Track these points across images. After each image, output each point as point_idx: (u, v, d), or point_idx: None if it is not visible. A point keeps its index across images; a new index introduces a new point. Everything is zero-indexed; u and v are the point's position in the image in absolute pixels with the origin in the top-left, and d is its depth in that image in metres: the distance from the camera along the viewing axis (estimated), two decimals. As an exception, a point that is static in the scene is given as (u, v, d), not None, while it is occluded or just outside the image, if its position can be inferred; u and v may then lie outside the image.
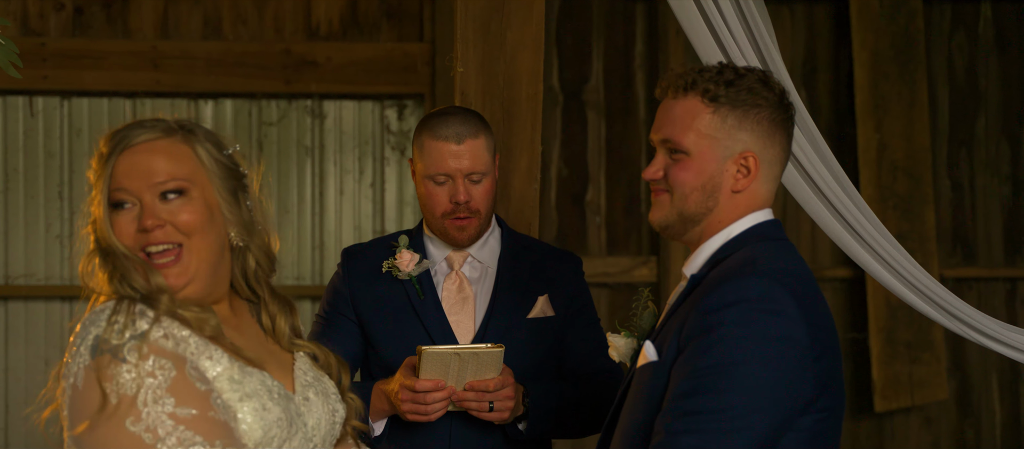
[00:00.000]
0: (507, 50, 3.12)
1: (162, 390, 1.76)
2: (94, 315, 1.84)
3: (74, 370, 1.80)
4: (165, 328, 1.83)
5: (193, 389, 1.79)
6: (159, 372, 1.77)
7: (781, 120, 2.09)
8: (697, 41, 2.75)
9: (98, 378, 1.77)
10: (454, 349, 2.66)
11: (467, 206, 2.83)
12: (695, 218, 2.10)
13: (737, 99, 2.06)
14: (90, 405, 1.76)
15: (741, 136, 2.06)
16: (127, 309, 1.83)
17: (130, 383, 1.76)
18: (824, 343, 1.98)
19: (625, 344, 2.31)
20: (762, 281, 1.95)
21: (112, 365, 1.77)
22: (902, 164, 5.48)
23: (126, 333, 1.80)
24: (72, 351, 1.82)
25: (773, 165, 2.10)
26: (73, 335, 1.85)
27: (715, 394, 1.89)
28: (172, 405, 1.76)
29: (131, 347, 1.78)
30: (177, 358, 1.81)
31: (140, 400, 1.75)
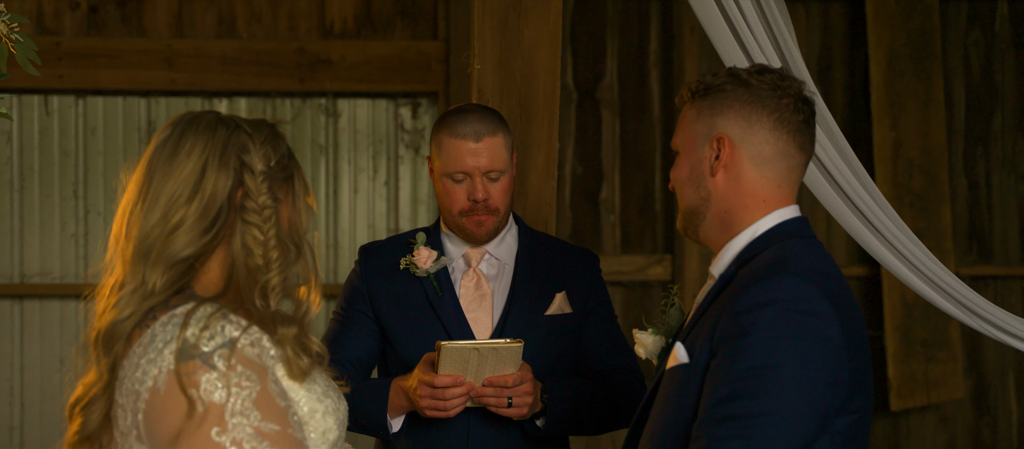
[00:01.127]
0: (524, 47, 3.11)
1: (249, 402, 1.71)
2: (172, 317, 1.78)
3: (153, 373, 1.74)
4: (251, 336, 1.79)
5: (275, 405, 1.74)
6: (246, 383, 1.72)
7: (770, 108, 2.07)
8: (717, 39, 2.73)
9: (183, 384, 1.71)
10: (474, 344, 2.66)
11: (485, 204, 2.83)
12: (696, 211, 2.11)
13: (712, 86, 2.10)
14: (176, 412, 1.71)
15: (716, 121, 2.08)
16: (216, 311, 1.78)
17: (219, 392, 1.70)
18: (857, 342, 1.96)
19: (653, 341, 2.30)
20: (795, 280, 1.93)
21: (200, 371, 1.71)
22: (918, 162, 5.46)
23: (216, 339, 1.74)
24: (148, 357, 1.76)
25: (773, 159, 2.07)
26: (139, 336, 1.79)
27: (754, 398, 1.87)
28: (257, 419, 1.71)
29: (221, 355, 1.73)
30: (261, 370, 1.77)
31: (228, 410, 1.70)
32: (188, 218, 1.84)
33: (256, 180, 1.86)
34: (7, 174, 5.51)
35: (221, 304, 1.81)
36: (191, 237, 1.84)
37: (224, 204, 1.85)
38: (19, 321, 5.54)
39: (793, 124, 2.08)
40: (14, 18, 2.62)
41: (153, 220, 1.85)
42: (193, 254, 1.84)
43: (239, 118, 1.93)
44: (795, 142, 2.09)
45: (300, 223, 1.92)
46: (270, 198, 1.87)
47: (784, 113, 2.08)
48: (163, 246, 1.83)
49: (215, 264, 1.88)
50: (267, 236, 1.85)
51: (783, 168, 2.09)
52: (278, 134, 1.94)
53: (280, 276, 1.86)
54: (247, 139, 1.88)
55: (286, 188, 1.90)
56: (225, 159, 1.86)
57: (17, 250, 5.54)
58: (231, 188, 1.85)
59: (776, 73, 2.12)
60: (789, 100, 2.08)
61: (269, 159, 1.88)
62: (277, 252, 1.86)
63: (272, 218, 1.86)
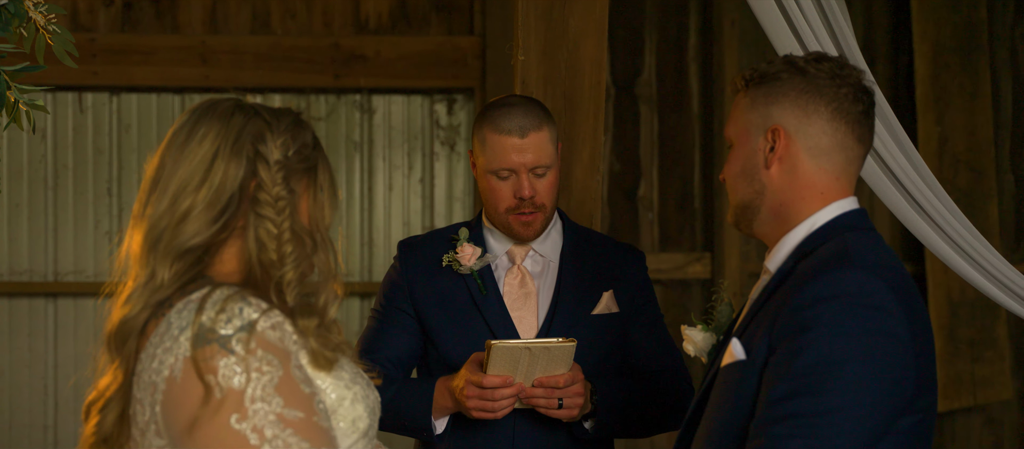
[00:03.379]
0: (569, 38, 3.04)
1: (271, 387, 1.62)
2: (187, 303, 1.71)
3: (169, 362, 1.66)
4: (272, 319, 1.70)
5: (299, 391, 1.66)
6: (267, 368, 1.64)
7: (828, 98, 1.99)
8: (771, 28, 2.65)
9: (200, 370, 1.63)
10: (525, 343, 2.58)
11: (532, 201, 2.75)
12: (750, 204, 2.04)
13: (768, 74, 2.02)
14: (191, 399, 1.63)
15: (771, 111, 2.01)
16: (234, 294, 1.69)
17: (238, 377, 1.62)
18: (923, 339, 1.88)
19: (703, 338, 2.22)
20: (859, 274, 1.85)
21: (218, 356, 1.63)
22: (964, 157, 5.35)
23: (234, 322, 1.66)
24: (165, 345, 1.68)
25: (831, 150, 1.99)
26: (155, 327, 1.72)
27: (816, 396, 1.79)
28: (280, 405, 1.63)
29: (239, 338, 1.64)
30: (283, 354, 1.68)
31: (248, 396, 1.61)
32: (196, 206, 1.76)
33: (271, 171, 1.77)
34: (41, 172, 5.49)
35: (239, 286, 1.74)
36: (199, 226, 1.75)
37: (235, 194, 1.76)
38: (53, 319, 5.52)
39: (852, 115, 2.00)
40: (51, 9, 2.57)
41: (162, 208, 1.77)
42: (201, 243, 1.76)
43: (261, 106, 1.84)
44: (854, 133, 2.01)
45: (321, 217, 1.83)
46: (285, 190, 1.78)
47: (843, 103, 2.00)
48: (172, 236, 1.76)
49: (231, 257, 1.80)
50: (281, 229, 1.77)
51: (841, 160, 2.01)
52: (301, 123, 1.84)
53: (295, 271, 1.77)
54: (264, 127, 1.79)
55: (306, 180, 1.81)
56: (238, 147, 1.77)
57: (51, 248, 5.52)
58: (243, 178, 1.77)
59: (834, 61, 2.04)
60: (848, 90, 2.00)
61: (287, 149, 1.79)
62: (291, 246, 1.77)
63: (286, 210, 1.78)
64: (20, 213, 5.49)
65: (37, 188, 5.49)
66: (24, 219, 5.49)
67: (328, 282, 1.82)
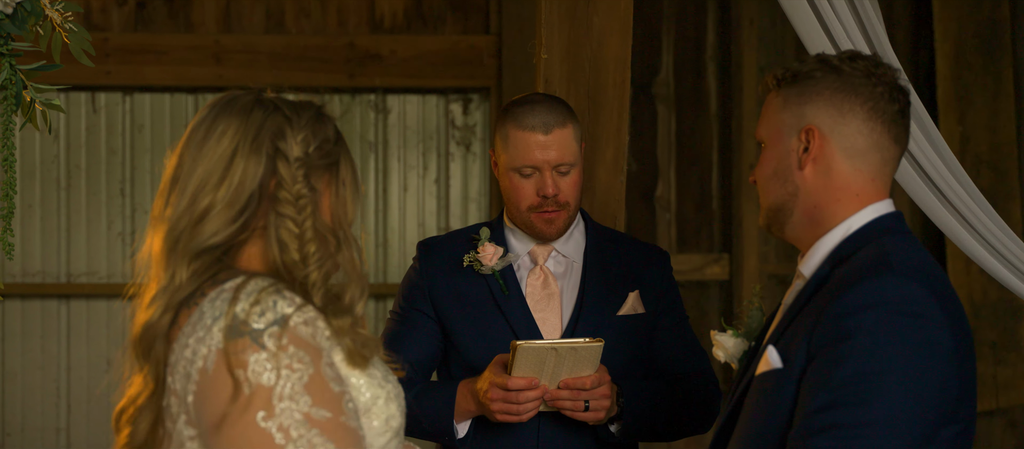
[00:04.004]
0: (594, 35, 2.99)
1: (300, 386, 1.59)
2: (221, 292, 1.66)
3: (202, 352, 1.62)
4: (306, 314, 1.66)
5: (328, 390, 1.61)
6: (297, 365, 1.60)
7: (864, 97, 1.94)
8: (801, 25, 2.60)
9: (230, 364, 1.59)
10: (551, 344, 2.53)
11: (555, 199, 2.71)
12: (782, 207, 1.98)
13: (801, 73, 1.97)
14: (222, 394, 1.59)
15: (804, 110, 1.95)
16: (269, 286, 1.65)
17: (267, 373, 1.58)
18: (965, 346, 1.83)
19: (734, 344, 2.16)
20: (901, 280, 1.80)
21: (249, 351, 1.59)
22: (986, 157, 5.29)
23: (267, 315, 1.61)
24: (197, 335, 1.64)
25: (867, 151, 1.94)
26: (187, 315, 1.67)
27: (857, 407, 1.74)
28: (307, 404, 1.59)
29: (272, 333, 1.60)
30: (315, 351, 1.63)
31: (276, 394, 1.58)
32: (216, 204, 1.71)
33: (291, 168, 1.72)
34: (54, 172, 5.45)
35: (274, 280, 1.69)
36: (218, 225, 1.71)
37: (255, 192, 1.71)
38: (66, 321, 5.48)
39: (888, 114, 1.95)
40: (68, 7, 2.53)
41: (181, 207, 1.72)
42: (220, 242, 1.71)
43: (282, 99, 1.79)
44: (890, 134, 1.95)
45: (344, 214, 1.77)
46: (306, 187, 1.72)
47: (878, 102, 1.94)
48: (190, 235, 1.71)
49: (253, 257, 1.75)
50: (303, 229, 1.72)
51: (877, 161, 1.95)
52: (322, 117, 1.79)
53: (320, 272, 1.72)
54: (284, 123, 1.74)
55: (328, 176, 1.76)
56: (257, 144, 1.72)
57: (64, 249, 5.49)
58: (263, 176, 1.72)
59: (869, 60, 1.98)
60: (884, 88, 1.95)
61: (308, 145, 1.74)
62: (314, 246, 1.72)
63: (308, 209, 1.72)
64: (33, 214, 5.45)
65: (50, 189, 5.45)
66: (37, 220, 5.46)
67: (353, 280, 1.77)
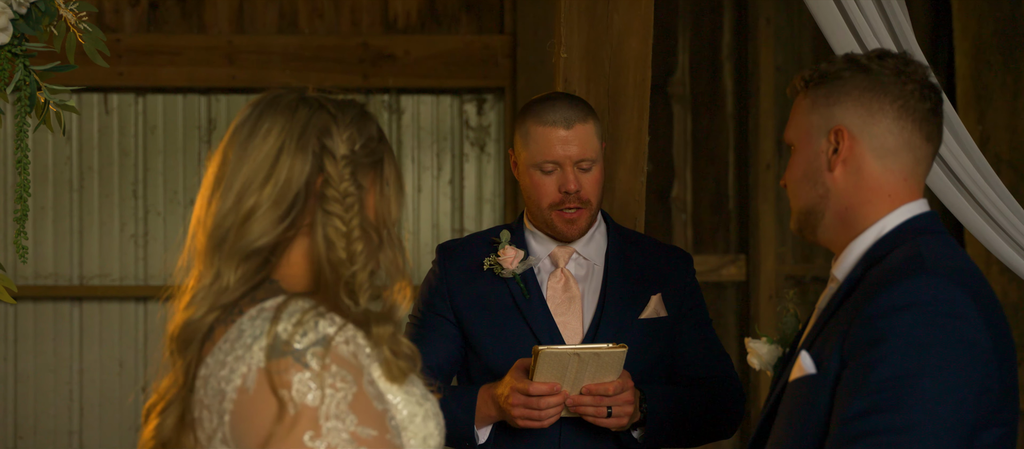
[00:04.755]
0: (614, 35, 2.95)
1: (345, 405, 1.57)
2: (261, 311, 1.64)
3: (241, 371, 1.60)
4: (347, 333, 1.64)
5: (372, 408, 1.60)
6: (341, 384, 1.58)
7: (893, 95, 1.89)
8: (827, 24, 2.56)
9: (273, 384, 1.57)
10: (574, 349, 2.49)
11: (577, 196, 2.67)
12: (813, 210, 1.94)
13: (829, 73, 1.93)
14: (265, 414, 1.57)
15: (833, 111, 1.91)
16: (311, 308, 1.63)
17: (312, 393, 1.56)
18: (1005, 347, 1.79)
19: (767, 351, 2.12)
20: (936, 280, 1.75)
21: (293, 370, 1.57)
22: (1006, 157, 5.23)
23: (309, 336, 1.60)
24: (236, 353, 1.62)
25: (898, 150, 1.90)
26: (223, 332, 1.65)
27: (894, 412, 1.70)
28: (354, 423, 1.57)
29: (314, 353, 1.58)
30: (356, 370, 1.62)
31: (322, 413, 1.56)
32: (262, 203, 1.68)
33: (338, 166, 1.70)
34: (66, 174, 5.43)
35: (315, 301, 1.66)
36: (266, 225, 1.68)
37: (301, 191, 1.69)
38: (78, 324, 5.46)
39: (919, 112, 1.91)
40: (82, 7, 2.49)
41: (226, 207, 1.70)
42: (268, 244, 1.69)
43: (325, 97, 1.76)
44: (921, 132, 1.91)
45: (389, 213, 1.76)
46: (353, 185, 1.71)
47: (909, 100, 1.90)
48: (237, 235, 1.69)
49: (298, 257, 1.72)
50: (350, 227, 1.70)
51: (909, 160, 1.91)
52: (366, 114, 1.77)
53: (366, 271, 1.70)
54: (329, 120, 1.72)
55: (373, 174, 1.74)
56: (303, 142, 1.70)
57: (76, 251, 5.47)
58: (310, 174, 1.70)
59: (899, 57, 1.94)
60: (914, 86, 1.91)
61: (354, 142, 1.72)
62: (361, 244, 1.70)
63: (355, 207, 1.70)
64: (45, 216, 5.43)
65: (62, 190, 5.43)
66: (49, 222, 5.44)
67: (396, 281, 1.75)
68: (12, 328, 5.43)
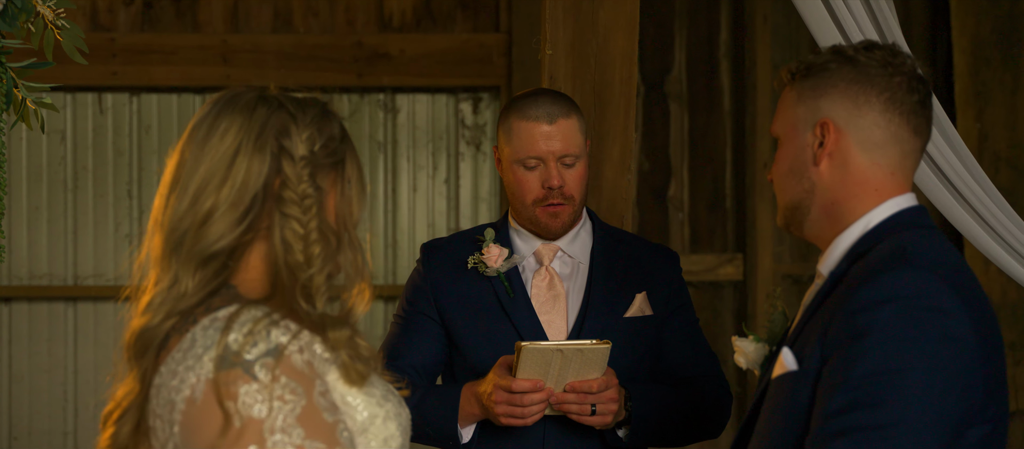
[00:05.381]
0: (599, 31, 2.92)
1: (292, 418, 1.54)
2: (214, 320, 1.61)
3: (190, 381, 1.57)
4: (301, 341, 1.61)
5: (321, 421, 1.57)
6: (289, 397, 1.55)
7: (880, 88, 1.86)
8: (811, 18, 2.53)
9: (220, 395, 1.54)
10: (557, 345, 2.47)
11: (561, 191, 2.65)
12: (799, 205, 1.91)
13: (815, 65, 1.90)
14: (211, 426, 1.55)
15: (819, 104, 1.88)
16: (263, 317, 1.60)
17: (258, 406, 1.54)
18: (991, 342, 1.75)
19: (754, 349, 2.09)
20: (918, 274, 1.72)
21: (240, 382, 1.54)
22: (1005, 155, 5.20)
23: (260, 346, 1.57)
24: (187, 363, 1.59)
25: (885, 143, 1.86)
26: (178, 341, 1.62)
27: (875, 408, 1.66)
28: (300, 436, 1.54)
29: (264, 364, 1.56)
30: (308, 381, 1.58)
31: (268, 426, 1.53)
32: (219, 205, 1.65)
33: (296, 167, 1.67)
34: (60, 174, 5.42)
35: (270, 308, 1.64)
36: (224, 228, 1.65)
37: (259, 192, 1.66)
38: (73, 324, 5.45)
39: (907, 105, 1.87)
40: (61, 3, 2.47)
41: (183, 208, 1.66)
42: (226, 247, 1.66)
43: (286, 96, 1.73)
44: (909, 125, 1.88)
45: (350, 214, 1.72)
46: (312, 187, 1.67)
47: (896, 93, 1.87)
48: (194, 238, 1.65)
49: (257, 261, 1.69)
50: (308, 229, 1.66)
51: (896, 154, 1.88)
52: (328, 114, 1.74)
53: (323, 274, 1.67)
54: (289, 120, 1.68)
55: (334, 175, 1.71)
56: (261, 142, 1.67)
57: (71, 251, 5.45)
58: (268, 175, 1.66)
59: (886, 49, 1.91)
60: (902, 78, 1.87)
61: (313, 143, 1.68)
62: (319, 247, 1.67)
63: (313, 208, 1.67)
64: (39, 216, 5.42)
65: (56, 190, 5.42)
66: (43, 222, 5.42)
67: (355, 283, 1.72)
68: (6, 328, 5.42)
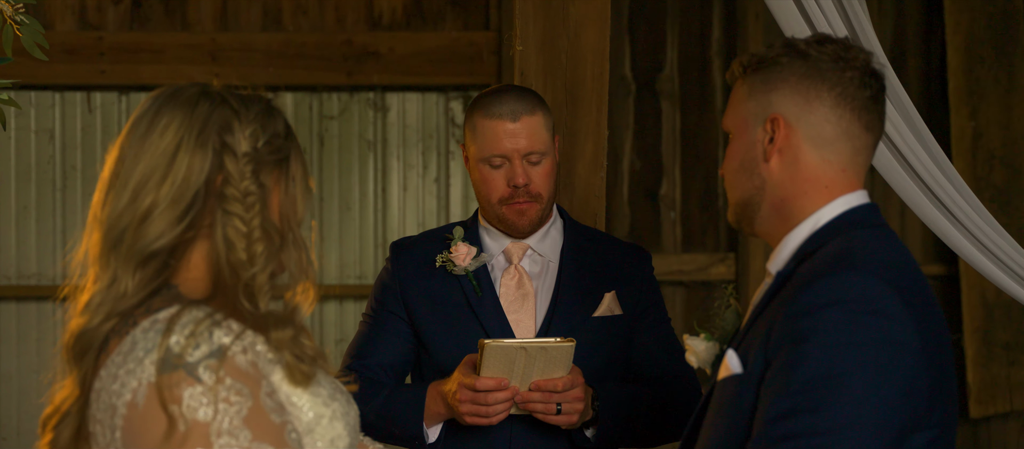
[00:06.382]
0: (570, 26, 2.89)
1: (239, 420, 1.52)
2: (154, 322, 1.59)
3: (131, 385, 1.55)
4: (244, 341, 1.59)
5: (268, 422, 1.55)
6: (235, 398, 1.53)
7: (831, 83, 1.82)
8: (779, 10, 2.48)
9: (163, 399, 1.52)
10: (521, 343, 2.44)
11: (526, 190, 2.62)
12: (749, 201, 1.87)
13: (766, 59, 1.86)
14: (155, 431, 1.52)
15: (770, 98, 1.84)
16: (205, 317, 1.58)
17: (203, 408, 1.51)
18: (936, 346, 1.71)
19: (705, 348, 2.05)
20: (861, 277, 1.69)
21: (184, 385, 1.52)
22: (999, 153, 5.15)
23: (202, 348, 1.55)
24: (127, 367, 1.57)
25: (835, 140, 1.82)
26: (118, 343, 1.59)
27: (816, 414, 1.63)
28: (248, 439, 1.52)
29: (208, 366, 1.53)
30: (254, 381, 1.56)
31: (214, 429, 1.51)
32: (160, 202, 1.62)
33: (238, 164, 1.64)
34: (49, 173, 5.41)
35: (212, 308, 1.61)
36: (164, 226, 1.62)
37: (201, 189, 1.63)
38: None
39: (858, 100, 1.83)
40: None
41: (122, 205, 1.63)
42: (167, 245, 1.63)
43: (230, 92, 1.71)
44: (860, 121, 1.84)
45: (293, 212, 1.70)
46: (255, 184, 1.65)
47: (847, 88, 1.83)
48: (134, 237, 1.62)
49: (198, 260, 1.66)
50: (250, 227, 1.64)
51: (847, 150, 1.84)
52: (272, 110, 1.72)
53: (266, 272, 1.65)
54: (231, 116, 1.66)
55: (277, 172, 1.68)
56: (203, 138, 1.64)
57: (60, 251, 5.44)
58: (209, 172, 1.64)
59: (839, 43, 1.87)
60: (854, 73, 1.83)
61: (256, 139, 1.66)
62: (262, 245, 1.64)
63: (256, 206, 1.65)
64: (28, 215, 5.41)
65: (45, 190, 5.41)
66: (32, 221, 5.41)
67: (299, 282, 1.69)
68: (-4, 328, 5.42)
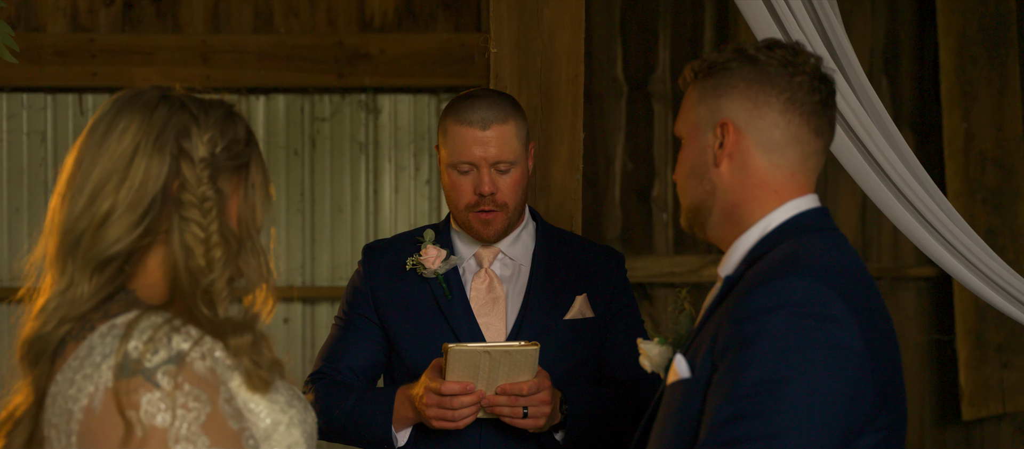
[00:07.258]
0: (544, 28, 2.89)
1: (197, 426, 1.52)
2: (112, 327, 1.58)
3: (88, 390, 1.55)
4: (203, 347, 1.58)
5: (226, 429, 1.55)
6: (193, 404, 1.53)
7: (780, 88, 1.83)
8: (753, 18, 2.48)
9: (121, 404, 1.51)
10: (484, 347, 2.44)
11: (492, 198, 2.61)
12: (701, 206, 1.88)
13: (716, 64, 1.86)
14: (112, 436, 1.52)
15: (720, 103, 1.85)
16: (164, 323, 1.58)
17: (161, 414, 1.51)
18: (882, 349, 1.72)
19: (659, 353, 2.04)
20: (805, 280, 1.69)
21: (142, 390, 1.52)
22: (992, 155, 5.12)
23: (161, 353, 1.54)
24: (85, 372, 1.56)
25: (785, 145, 1.83)
26: (74, 348, 1.59)
27: (761, 418, 1.63)
28: (206, 445, 1.52)
29: (166, 371, 1.53)
30: (212, 388, 1.56)
31: (172, 435, 1.51)
32: (117, 207, 1.62)
33: (195, 169, 1.64)
34: (41, 175, 5.42)
35: (171, 314, 1.60)
36: (121, 230, 1.62)
37: (158, 194, 1.63)
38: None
39: (807, 105, 1.84)
40: (-9, 2, 2.46)
41: (79, 208, 1.63)
42: (124, 250, 1.63)
43: (190, 97, 1.70)
44: (809, 126, 1.85)
45: (252, 218, 1.69)
46: (212, 189, 1.65)
47: (796, 93, 1.84)
48: (91, 241, 1.62)
49: (155, 266, 1.66)
50: (208, 233, 1.64)
51: (796, 155, 1.85)
52: (233, 116, 1.71)
53: (224, 278, 1.64)
54: (190, 121, 1.66)
55: (237, 178, 1.68)
56: (161, 143, 1.64)
57: (52, 252, 5.45)
58: (167, 177, 1.63)
59: (788, 48, 1.88)
60: (803, 78, 1.84)
61: (215, 145, 1.66)
62: (220, 251, 1.64)
63: (213, 212, 1.64)
64: (20, 217, 5.42)
65: (37, 192, 5.41)
66: (24, 224, 5.42)
67: (257, 288, 1.69)
68: (-12, 329, 5.43)
